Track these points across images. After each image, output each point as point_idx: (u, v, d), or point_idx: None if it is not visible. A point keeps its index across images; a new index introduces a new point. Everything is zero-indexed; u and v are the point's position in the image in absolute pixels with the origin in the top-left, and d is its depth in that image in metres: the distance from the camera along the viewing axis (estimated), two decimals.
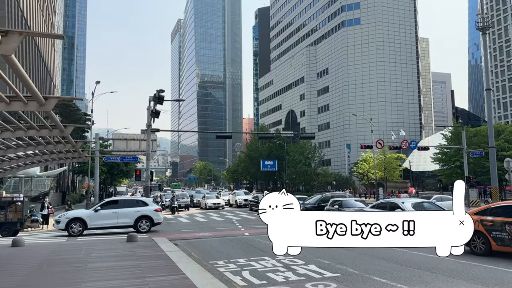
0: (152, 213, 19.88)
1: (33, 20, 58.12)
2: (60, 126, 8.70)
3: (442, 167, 54.75)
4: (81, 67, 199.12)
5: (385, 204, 16.89)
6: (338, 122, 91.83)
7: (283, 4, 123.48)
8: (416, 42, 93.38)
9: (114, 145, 40.82)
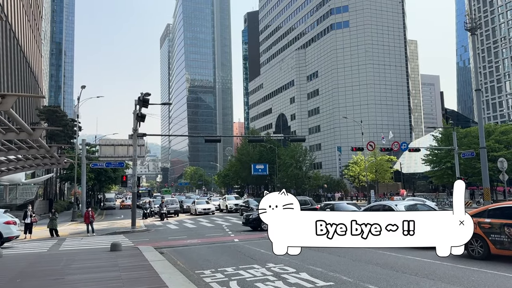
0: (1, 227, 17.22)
1: (18, 25, 57.07)
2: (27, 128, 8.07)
3: (433, 168, 54.63)
4: (69, 73, 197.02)
5: (378, 206, 16.45)
6: (328, 125, 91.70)
7: (272, 8, 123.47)
8: (404, 44, 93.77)
9: (101, 151, 40.08)
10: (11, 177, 35.94)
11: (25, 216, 22.83)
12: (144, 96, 21.93)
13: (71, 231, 25.82)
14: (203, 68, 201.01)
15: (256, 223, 20.81)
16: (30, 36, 68.29)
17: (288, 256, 12.35)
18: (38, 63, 79.33)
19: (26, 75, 62.64)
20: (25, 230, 22.75)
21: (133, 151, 25.93)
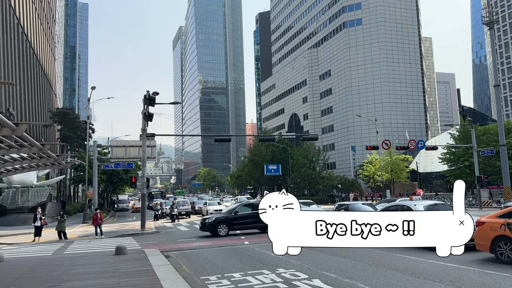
0: None
1: (30, 28, 57.35)
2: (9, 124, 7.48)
3: (450, 167, 53.21)
4: (83, 76, 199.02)
5: (396, 207, 15.58)
6: (342, 124, 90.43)
7: (283, 8, 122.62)
8: (419, 42, 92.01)
9: (113, 153, 39.73)
10: (23, 180, 35.89)
11: (35, 219, 22.46)
12: (150, 95, 21.40)
13: (80, 233, 25.45)
14: (215, 70, 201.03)
15: (212, 228, 19.75)
16: (43, 39, 68.73)
17: (300, 260, 11.66)
18: (51, 66, 79.90)
19: (39, 78, 62.96)
20: (35, 233, 22.39)
21: (142, 152, 25.43)
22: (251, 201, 24.44)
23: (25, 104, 51.66)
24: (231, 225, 19.99)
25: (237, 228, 20.33)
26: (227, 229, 19.81)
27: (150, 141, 41.99)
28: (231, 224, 19.98)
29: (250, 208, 20.83)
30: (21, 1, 51.40)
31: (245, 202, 24.46)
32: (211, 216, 21.15)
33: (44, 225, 23.05)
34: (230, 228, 19.95)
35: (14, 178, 34.73)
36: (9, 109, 42.23)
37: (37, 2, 63.50)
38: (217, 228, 19.66)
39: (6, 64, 43.03)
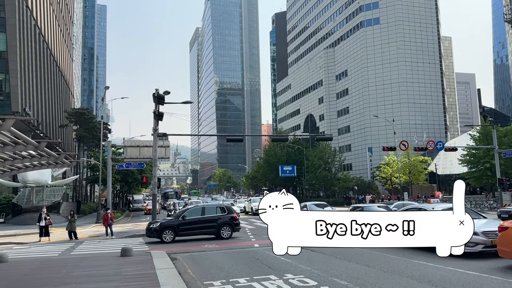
0: None
1: (48, 29, 58.04)
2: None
3: (470, 169, 51.66)
4: (101, 78, 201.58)
5: (413, 210, 14.84)
6: (358, 125, 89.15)
7: (299, 8, 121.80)
8: (438, 41, 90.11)
9: (127, 153, 39.72)
10: (37, 179, 36.12)
11: (40, 219, 22.30)
12: (159, 93, 21.09)
13: (92, 234, 25.33)
14: (231, 71, 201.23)
15: (157, 234, 18.78)
16: (60, 40, 69.56)
17: (310, 266, 11.09)
18: (68, 67, 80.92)
19: (56, 78, 63.71)
20: (40, 233, 22.21)
21: (153, 151, 25.17)
22: (202, 205, 22.85)
23: (42, 104, 52.24)
24: (177, 231, 18.85)
25: (184, 234, 19.18)
26: (173, 235, 18.73)
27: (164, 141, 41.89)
28: (177, 229, 18.87)
29: (199, 213, 19.82)
30: (38, 3, 52.06)
31: (195, 206, 22.74)
32: (157, 221, 19.91)
33: (49, 225, 22.65)
34: (176, 234, 18.82)
35: (29, 178, 34.98)
36: (25, 109, 42.67)
37: (55, 3, 64.31)
38: (162, 234, 18.58)
39: (23, 65, 43.52)
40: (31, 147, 8.07)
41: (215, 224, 19.29)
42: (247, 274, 10.16)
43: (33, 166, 11.56)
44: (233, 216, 19.86)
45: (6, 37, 40.92)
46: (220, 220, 19.44)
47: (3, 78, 41.21)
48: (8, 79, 40.70)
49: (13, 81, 40.57)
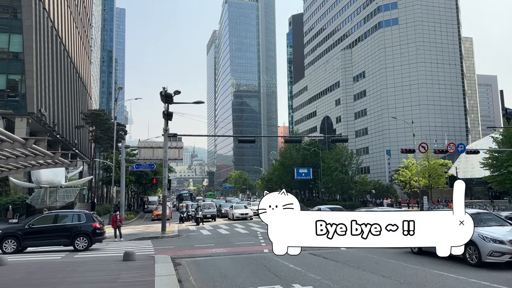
0: None
1: (65, 31, 58.48)
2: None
3: (492, 173, 49.84)
4: (120, 80, 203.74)
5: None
6: (376, 127, 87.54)
7: (316, 9, 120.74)
8: (459, 42, 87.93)
9: (141, 154, 39.63)
10: (51, 180, 36.15)
11: None
12: (167, 92, 20.57)
13: None
14: (248, 73, 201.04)
15: None
16: (78, 42, 70.14)
17: (320, 275, 10.29)
18: (86, 69, 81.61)
19: (73, 80, 64.18)
20: None
21: (163, 152, 24.71)
22: (56, 212, 20.58)
23: (58, 105, 52.54)
24: (22, 240, 16.89)
25: (30, 244, 17.31)
26: (16, 245, 16.80)
27: (177, 143, 41.68)
28: (21, 239, 16.89)
29: (51, 221, 17.75)
30: (56, 5, 52.46)
31: (47, 213, 20.64)
32: None
33: None
34: (20, 244, 16.89)
35: (42, 178, 35.03)
36: (41, 110, 42.87)
37: (73, 6, 64.86)
38: (3, 244, 16.69)
39: (39, 66, 43.77)
40: (18, 144, 7.54)
41: (68, 233, 17.26)
42: (251, 283, 9.46)
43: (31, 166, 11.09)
44: (93, 225, 17.74)
45: (23, 38, 41.19)
46: (75, 229, 17.37)
47: (19, 79, 41.49)
48: (24, 80, 40.95)
49: (29, 82, 40.78)
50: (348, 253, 13.79)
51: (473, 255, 11.06)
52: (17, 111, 41.21)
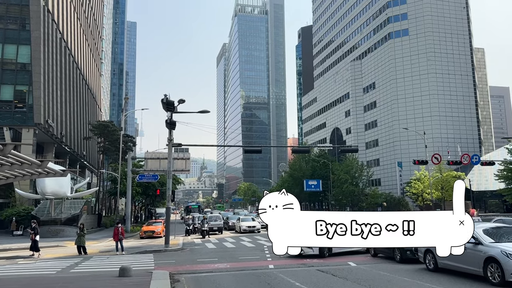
0: None
1: (74, 43, 58.78)
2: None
3: (507, 185, 48.35)
4: (131, 92, 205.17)
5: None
6: (387, 139, 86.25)
7: (326, 21, 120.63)
8: (470, 52, 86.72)
9: (147, 165, 39.12)
10: (56, 191, 35.66)
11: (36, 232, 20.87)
12: (168, 99, 19.99)
13: (103, 249, 24.27)
14: (257, 85, 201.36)
15: None
16: (88, 54, 70.53)
17: None
18: (96, 81, 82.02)
19: (82, 91, 64.35)
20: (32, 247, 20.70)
21: (168, 163, 24.06)
22: None
23: (66, 116, 52.50)
24: None
25: None
26: None
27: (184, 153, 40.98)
28: None
29: None
30: (65, 17, 52.78)
31: None
32: None
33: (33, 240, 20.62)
34: None
35: (47, 189, 34.56)
36: (48, 120, 42.73)
37: (82, 18, 65.35)
38: None
39: (47, 77, 43.77)
40: None
41: None
42: None
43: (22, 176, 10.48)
44: None
45: (31, 49, 41.26)
46: None
47: (27, 90, 41.47)
48: (31, 91, 40.92)
49: (36, 93, 40.73)
50: (358, 270, 12.90)
51: (496, 274, 10.15)
52: (24, 122, 41.11)
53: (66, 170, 14.55)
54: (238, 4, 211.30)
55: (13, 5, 42.86)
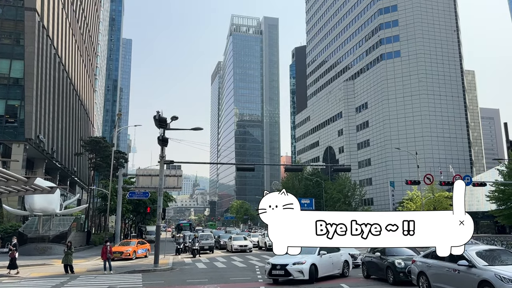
0: None
1: (69, 59, 58.82)
2: None
3: (499, 206, 48.47)
4: (124, 109, 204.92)
5: None
6: (379, 158, 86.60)
7: (319, 41, 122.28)
8: (461, 75, 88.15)
9: (139, 182, 38.85)
10: (45, 208, 35.01)
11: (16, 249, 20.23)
12: (161, 116, 19.90)
13: (91, 267, 23.76)
14: (251, 103, 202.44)
15: None
16: (82, 70, 70.55)
17: None
18: (89, 96, 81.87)
19: (75, 107, 64.09)
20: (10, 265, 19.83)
21: (159, 180, 23.81)
22: None
23: (58, 132, 52.12)
24: None
25: None
26: None
27: (177, 171, 40.71)
28: None
29: None
30: (60, 33, 52.91)
31: None
32: None
33: (13, 257, 19.73)
34: None
35: (36, 206, 33.93)
36: (39, 136, 42.34)
37: (78, 34, 65.56)
38: None
39: (40, 92, 43.57)
40: None
41: None
42: None
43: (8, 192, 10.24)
44: None
45: (24, 64, 41.14)
46: None
47: (19, 105, 41.18)
48: (23, 106, 40.63)
49: (28, 108, 40.46)
50: None
51: None
52: (15, 137, 40.70)
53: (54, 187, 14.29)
54: (233, 23, 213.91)
55: (8, 20, 42.89)
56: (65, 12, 55.08)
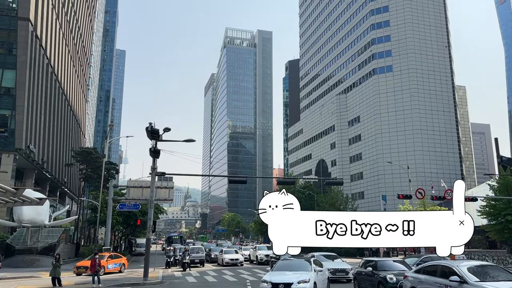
0: None
1: (61, 69, 58.65)
2: None
3: (490, 221, 48.59)
4: (117, 119, 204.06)
5: (435, 267, 12.83)
6: (372, 172, 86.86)
7: (312, 55, 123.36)
8: (452, 90, 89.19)
9: (130, 193, 38.43)
10: (33, 219, 34.53)
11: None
12: (153, 128, 19.80)
13: (79, 280, 23.35)
14: (244, 115, 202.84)
15: None
16: (74, 80, 70.32)
17: None
18: (81, 107, 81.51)
19: (67, 117, 63.71)
20: None
21: (150, 191, 23.59)
22: None
23: (49, 142, 51.69)
24: None
25: None
26: None
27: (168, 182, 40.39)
28: None
29: None
30: (53, 43, 52.82)
31: None
32: None
33: None
34: None
35: (24, 217, 33.46)
36: (30, 146, 41.94)
37: (71, 44, 65.51)
38: None
39: (31, 102, 43.28)
40: None
41: None
42: None
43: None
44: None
45: (16, 74, 40.92)
46: None
47: (9, 114, 40.83)
48: (14, 115, 40.30)
49: (19, 118, 40.13)
50: None
51: None
52: (5, 147, 40.26)
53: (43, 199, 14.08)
54: (227, 36, 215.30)
55: (1, 29, 42.73)
56: (59, 22, 55.07)
